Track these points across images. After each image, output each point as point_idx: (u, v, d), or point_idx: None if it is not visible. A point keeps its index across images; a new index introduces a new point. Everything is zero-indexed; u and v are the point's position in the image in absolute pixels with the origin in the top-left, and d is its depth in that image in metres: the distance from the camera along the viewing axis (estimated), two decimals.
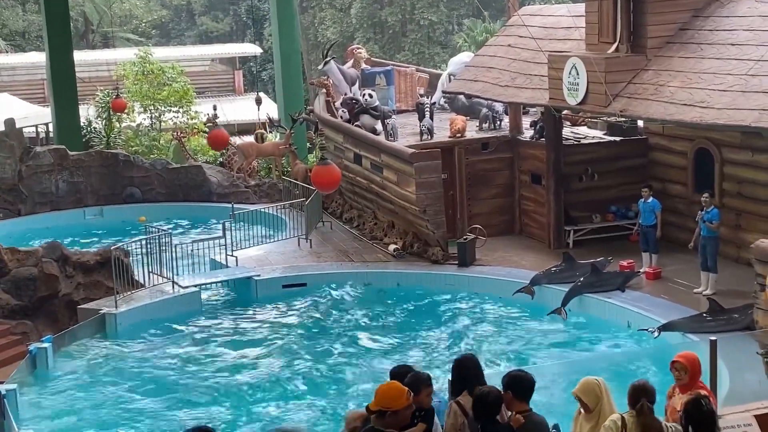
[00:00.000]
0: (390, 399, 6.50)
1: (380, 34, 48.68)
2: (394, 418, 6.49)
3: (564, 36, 18.77)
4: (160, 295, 17.18)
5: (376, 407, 6.51)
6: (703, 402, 6.53)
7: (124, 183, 24.85)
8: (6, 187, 23.88)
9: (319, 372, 14.36)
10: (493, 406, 6.93)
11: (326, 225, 21.67)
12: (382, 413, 6.48)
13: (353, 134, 20.86)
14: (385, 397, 6.52)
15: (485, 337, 15.43)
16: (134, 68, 32.76)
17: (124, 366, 14.93)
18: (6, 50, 48.03)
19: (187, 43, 54.30)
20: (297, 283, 17.96)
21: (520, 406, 6.96)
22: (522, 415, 6.90)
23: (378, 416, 6.52)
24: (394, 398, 6.51)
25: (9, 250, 17.52)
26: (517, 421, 6.87)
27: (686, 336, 13.84)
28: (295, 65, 28.94)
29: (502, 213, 20.25)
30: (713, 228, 15.42)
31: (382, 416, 6.49)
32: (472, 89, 20.13)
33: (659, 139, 19.15)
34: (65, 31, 28.09)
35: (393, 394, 6.54)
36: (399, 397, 6.53)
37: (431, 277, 17.84)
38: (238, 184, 25.14)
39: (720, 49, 15.47)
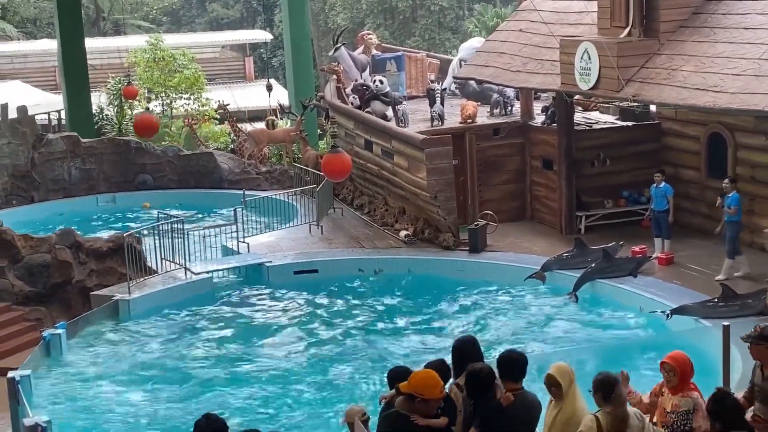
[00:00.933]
0: (425, 387, 6.54)
1: (391, 20, 48.56)
2: (423, 405, 6.52)
3: (576, 20, 18.68)
4: (173, 282, 17.24)
5: (409, 390, 6.53)
6: (725, 396, 6.53)
7: (136, 170, 24.92)
8: (19, 174, 23.97)
9: (331, 358, 14.39)
10: (485, 382, 6.96)
11: (337, 211, 21.69)
12: (412, 397, 6.49)
13: (364, 120, 20.84)
14: (420, 384, 6.55)
15: (496, 322, 15.43)
16: (145, 55, 32.77)
17: (137, 352, 14.99)
18: (18, 37, 48.12)
19: (198, 30, 54.34)
20: (308, 269, 17.99)
21: (512, 385, 7.04)
22: (513, 394, 6.96)
23: (407, 399, 6.53)
24: (428, 387, 6.55)
25: (22, 237, 17.61)
26: (507, 399, 6.94)
27: (699, 321, 13.81)
28: (306, 52, 28.90)
29: (513, 199, 20.22)
30: (730, 213, 15.34)
31: (411, 400, 6.51)
32: (483, 75, 20.07)
33: (672, 124, 19.07)
34: (76, 18, 28.10)
35: (429, 382, 6.58)
36: (434, 386, 6.57)
37: (442, 263, 17.84)
38: (249, 171, 25.17)
39: (733, 33, 15.38)
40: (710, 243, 17.38)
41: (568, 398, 6.91)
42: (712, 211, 17.88)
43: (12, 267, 17.30)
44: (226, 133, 29.68)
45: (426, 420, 6.54)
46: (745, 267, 15.48)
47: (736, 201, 15.40)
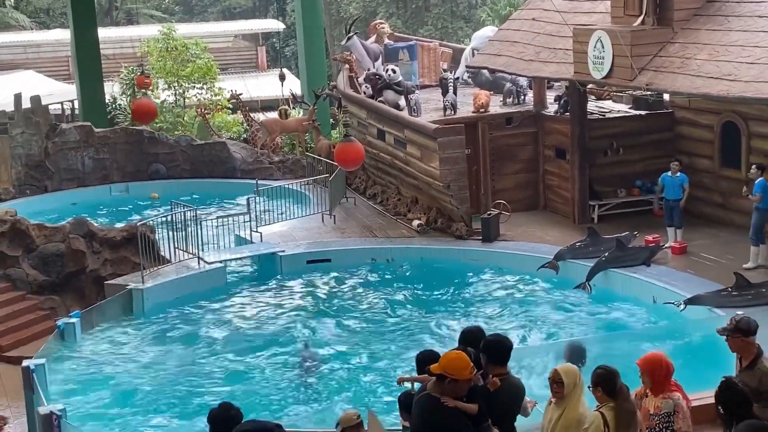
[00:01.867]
0: (455, 368, 6.55)
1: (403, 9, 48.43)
2: (453, 386, 6.54)
3: (589, 9, 18.60)
4: (186, 271, 17.30)
5: (439, 370, 6.56)
6: (732, 386, 6.53)
7: (149, 159, 24.99)
8: (33, 163, 24.07)
9: (344, 348, 14.42)
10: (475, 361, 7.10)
11: (350, 201, 21.70)
12: (442, 378, 6.53)
13: (376, 110, 20.83)
14: (450, 364, 6.57)
15: (509, 312, 15.43)
16: (158, 45, 32.80)
17: (151, 341, 15.06)
18: (31, 27, 48.21)
19: (210, 20, 54.32)
20: (321, 258, 18.02)
21: (497, 369, 7.10)
22: (499, 378, 7.02)
23: (438, 380, 6.57)
24: (459, 368, 6.56)
25: (36, 226, 17.70)
26: (494, 384, 7.00)
27: (712, 311, 13.77)
28: (318, 41, 28.87)
29: (526, 188, 20.19)
30: (755, 200, 15.23)
31: (442, 381, 6.54)
32: (495, 64, 20.02)
33: (685, 113, 18.99)
34: (89, 8, 28.15)
35: (459, 363, 6.59)
36: (464, 368, 6.59)
37: (455, 253, 17.84)
38: (262, 160, 25.21)
39: (747, 21, 15.29)
40: (723, 232, 17.35)
41: (572, 403, 6.85)
42: (726, 200, 17.84)
43: (26, 256, 17.40)
44: (238, 122, 29.72)
45: (455, 402, 6.54)
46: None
47: (761, 188, 15.24)
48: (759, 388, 7.29)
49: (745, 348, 7.41)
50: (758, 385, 7.31)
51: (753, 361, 7.41)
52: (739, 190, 17.32)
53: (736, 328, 7.39)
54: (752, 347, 7.45)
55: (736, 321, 7.47)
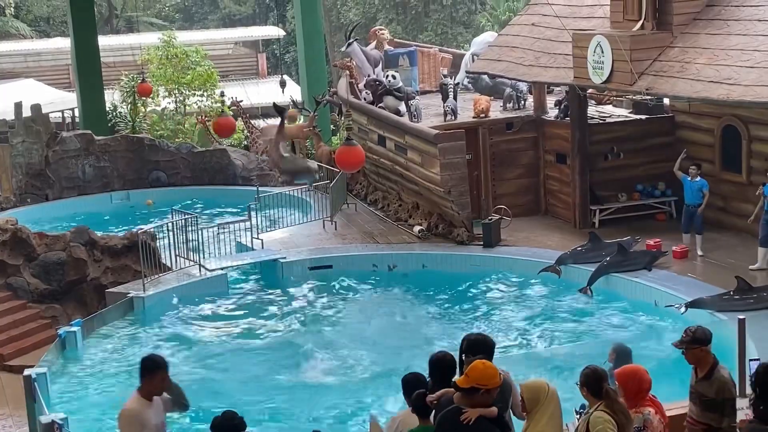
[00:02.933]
0: (487, 377, 6.47)
1: (403, 15, 48.48)
2: (487, 396, 6.47)
3: (588, 14, 18.62)
4: (187, 278, 17.30)
5: (470, 384, 6.45)
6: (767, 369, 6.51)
7: (149, 167, 24.99)
8: (33, 172, 24.08)
9: (346, 355, 14.40)
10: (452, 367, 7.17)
11: (351, 207, 21.70)
12: (474, 390, 6.44)
13: (377, 116, 20.84)
14: (482, 375, 6.46)
15: (511, 317, 15.42)
16: (158, 52, 32.85)
17: (152, 349, 15.00)
18: (31, 36, 48.31)
19: (210, 27, 54.39)
20: (323, 265, 18.02)
21: None
22: None
23: (467, 394, 6.47)
24: (490, 377, 6.49)
25: (37, 234, 17.69)
26: None
27: (714, 315, 13.76)
28: (318, 47, 28.91)
29: (527, 193, 20.19)
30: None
31: (473, 394, 6.44)
32: (495, 69, 20.03)
33: (686, 117, 18.99)
34: (89, 16, 28.19)
35: (490, 372, 6.51)
36: (494, 375, 6.52)
37: (456, 258, 17.83)
38: (262, 167, 25.21)
39: (747, 25, 15.30)
40: (725, 236, 17.34)
41: (533, 421, 6.79)
42: (727, 203, 17.83)
43: (27, 265, 17.39)
44: (239, 129, 29.75)
45: (480, 411, 6.45)
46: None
47: None
48: (716, 398, 7.18)
49: (702, 358, 7.26)
50: (716, 394, 7.18)
51: (710, 371, 7.26)
52: (740, 193, 17.35)
53: (694, 339, 7.25)
54: (709, 357, 7.31)
55: (693, 332, 7.30)
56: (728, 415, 7.19)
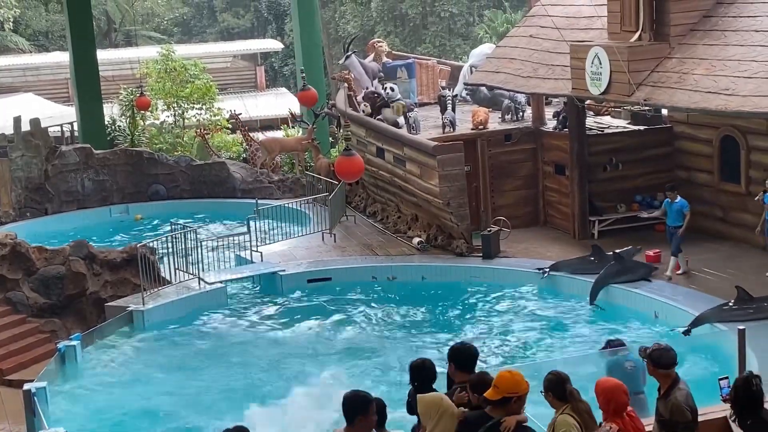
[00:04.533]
0: (516, 384, 6.48)
1: (401, 27, 48.61)
2: (519, 403, 6.48)
3: (586, 25, 18.66)
4: (187, 292, 17.28)
5: (500, 395, 6.45)
6: (753, 381, 6.49)
7: (149, 180, 24.99)
8: (33, 186, 24.08)
9: (346, 366, 14.38)
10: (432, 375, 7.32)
11: (350, 219, 21.70)
12: (505, 400, 6.43)
13: (376, 128, 20.86)
14: (511, 384, 6.48)
15: (510, 329, 15.41)
16: (157, 66, 32.89)
17: (153, 362, 15.02)
18: (30, 50, 48.38)
19: (209, 40, 54.48)
20: (322, 277, 18.01)
21: (464, 376, 7.13)
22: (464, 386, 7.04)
23: (498, 405, 6.47)
24: (518, 383, 6.50)
25: (37, 248, 17.69)
26: (461, 399, 6.98)
27: (714, 326, 13.74)
28: (317, 60, 28.95)
29: (526, 204, 20.19)
30: None
31: (504, 404, 6.44)
32: (494, 81, 20.06)
33: (684, 128, 19.01)
34: (88, 30, 28.23)
35: (518, 379, 6.53)
36: (523, 382, 6.54)
37: (456, 270, 17.83)
38: (261, 180, 25.22)
39: (744, 35, 15.33)
40: (724, 246, 17.33)
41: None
42: (726, 214, 17.84)
43: (27, 279, 17.39)
44: (238, 142, 29.77)
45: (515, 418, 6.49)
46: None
47: None
48: (670, 419, 7.08)
49: (659, 376, 7.18)
50: (669, 415, 7.09)
51: (667, 390, 7.15)
52: (739, 203, 17.35)
53: (649, 357, 7.18)
54: (667, 378, 7.19)
55: (652, 350, 7.24)
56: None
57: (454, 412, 6.71)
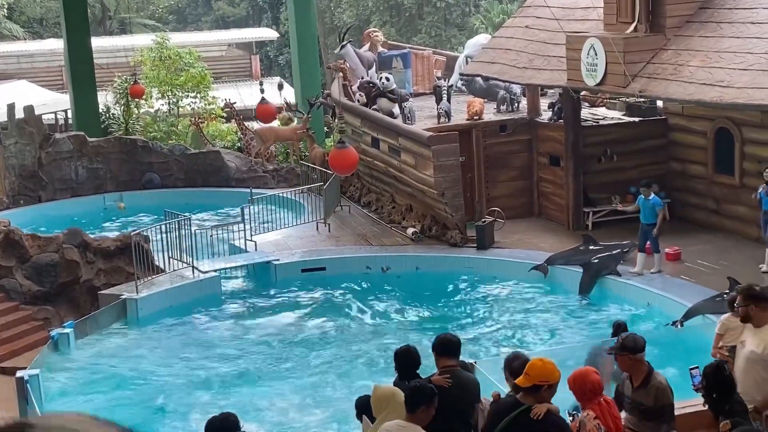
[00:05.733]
0: (547, 373, 6.46)
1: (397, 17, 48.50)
2: (550, 392, 6.46)
3: (582, 16, 18.65)
4: (181, 280, 17.27)
5: (531, 383, 6.44)
6: (724, 367, 6.52)
7: (143, 169, 24.94)
8: (26, 174, 24.02)
9: (339, 356, 14.40)
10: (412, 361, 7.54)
11: (344, 209, 21.69)
12: (536, 388, 6.43)
13: (371, 118, 20.84)
14: (542, 372, 6.46)
15: (503, 319, 15.43)
16: (152, 54, 32.80)
17: (146, 351, 15.02)
18: (24, 37, 48.21)
19: (204, 29, 54.34)
20: (316, 267, 18.01)
21: (446, 361, 7.23)
22: (447, 369, 7.12)
23: (530, 392, 6.47)
24: (551, 372, 6.48)
25: (30, 236, 17.65)
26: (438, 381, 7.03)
27: (707, 317, 13.76)
28: (312, 49, 28.89)
29: (520, 195, 20.20)
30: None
31: (535, 392, 6.44)
32: (489, 71, 20.04)
33: (679, 120, 19.03)
34: (83, 18, 28.13)
35: (550, 367, 6.50)
36: (555, 370, 6.52)
37: (450, 260, 17.84)
38: (256, 169, 25.19)
39: (740, 27, 15.33)
40: (717, 238, 17.37)
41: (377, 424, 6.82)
42: (719, 206, 17.87)
43: (20, 267, 17.35)
44: (233, 131, 29.72)
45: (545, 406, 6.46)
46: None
47: None
48: (655, 405, 7.04)
49: (634, 366, 7.09)
50: (654, 402, 7.04)
51: (645, 379, 7.10)
52: (733, 195, 17.38)
53: (622, 347, 7.10)
54: (641, 365, 7.12)
55: (622, 339, 7.21)
56: (667, 421, 7.11)
57: (402, 409, 6.74)
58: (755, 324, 7.46)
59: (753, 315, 7.48)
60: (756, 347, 7.37)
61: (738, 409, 6.42)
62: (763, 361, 7.31)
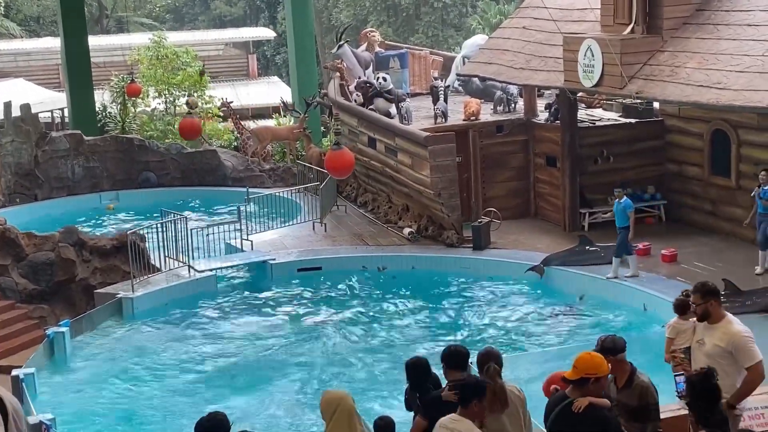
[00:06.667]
0: (595, 366, 6.48)
1: (394, 17, 48.51)
2: (597, 385, 6.47)
3: (579, 17, 18.67)
4: (177, 279, 17.26)
5: (578, 375, 6.46)
6: (714, 375, 6.50)
7: (139, 168, 24.93)
8: (22, 172, 24.00)
9: (334, 356, 14.40)
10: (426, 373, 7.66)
11: (341, 209, 21.69)
12: (584, 381, 6.44)
13: (367, 118, 20.84)
14: (590, 365, 6.48)
15: (499, 320, 15.43)
16: (148, 53, 32.78)
17: (141, 350, 15.00)
18: (21, 35, 48.16)
19: (201, 28, 54.33)
20: (312, 266, 18.01)
21: (455, 374, 7.28)
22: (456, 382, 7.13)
23: (578, 385, 6.48)
24: (599, 365, 6.50)
25: (26, 235, 17.63)
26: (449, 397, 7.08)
27: None
28: (309, 49, 28.90)
29: (516, 196, 20.21)
30: (766, 205, 15.07)
31: (583, 384, 6.45)
32: (486, 72, 20.06)
33: (675, 121, 19.05)
34: (80, 16, 28.12)
35: (598, 361, 6.52)
36: (603, 363, 6.53)
37: (446, 261, 17.84)
38: (252, 169, 25.18)
39: (736, 29, 15.36)
40: (713, 240, 17.39)
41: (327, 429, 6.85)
42: (715, 208, 17.89)
43: (16, 265, 17.33)
44: (229, 130, 29.71)
45: (593, 399, 6.48)
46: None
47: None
48: (640, 404, 7.04)
49: (616, 367, 7.04)
50: (639, 401, 7.04)
51: (629, 379, 7.10)
52: (729, 197, 17.40)
53: (602, 349, 7.07)
54: (623, 365, 7.12)
55: (602, 341, 7.20)
56: (653, 419, 7.11)
57: (351, 412, 6.74)
58: (712, 321, 7.45)
59: (712, 311, 7.47)
60: (719, 341, 7.37)
61: (720, 420, 6.38)
62: (728, 354, 7.31)
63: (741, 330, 7.41)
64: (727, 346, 7.34)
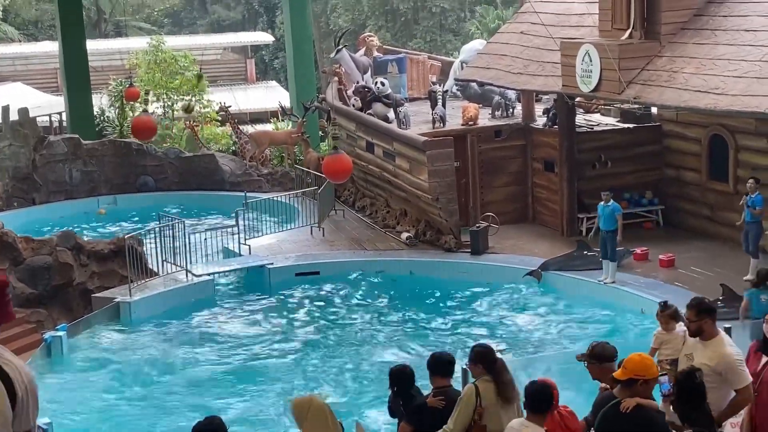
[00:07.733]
0: (644, 367, 6.45)
1: (392, 22, 48.56)
2: (645, 387, 6.44)
3: (577, 22, 18.68)
4: (174, 284, 17.24)
5: (627, 376, 6.43)
6: (696, 374, 6.50)
7: (137, 172, 24.92)
8: (20, 176, 23.97)
9: (332, 360, 14.39)
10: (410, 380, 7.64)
11: (339, 213, 21.68)
12: (632, 381, 6.41)
13: (366, 122, 20.84)
14: (639, 367, 6.45)
15: (497, 324, 15.43)
16: (147, 57, 32.79)
17: (139, 354, 14.99)
18: (19, 39, 48.15)
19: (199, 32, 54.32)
20: (310, 271, 17.99)
21: (440, 381, 7.35)
22: (441, 390, 7.27)
23: (626, 386, 6.46)
24: (648, 367, 6.47)
25: (24, 239, 17.60)
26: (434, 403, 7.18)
27: None
28: (307, 53, 28.93)
29: (515, 201, 20.22)
30: (756, 213, 15.13)
31: (631, 385, 6.43)
32: (484, 77, 20.07)
33: (673, 126, 19.07)
34: (78, 20, 28.12)
35: (647, 362, 6.52)
36: (652, 366, 6.53)
37: (444, 266, 17.84)
38: (250, 173, 25.17)
39: (734, 35, 15.38)
40: (711, 245, 17.40)
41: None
42: (713, 213, 17.91)
43: (13, 269, 17.28)
44: (227, 134, 29.71)
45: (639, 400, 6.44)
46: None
47: (761, 202, 15.17)
48: None
49: (603, 375, 6.98)
50: None
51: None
52: (727, 202, 17.41)
53: (592, 355, 7.06)
54: (609, 374, 6.95)
55: (592, 347, 7.17)
56: None
57: (324, 408, 6.74)
58: (704, 338, 7.39)
59: (705, 329, 7.40)
60: (709, 360, 7.29)
61: (705, 421, 6.38)
62: (716, 374, 7.25)
63: (732, 352, 7.33)
64: (716, 366, 7.29)
